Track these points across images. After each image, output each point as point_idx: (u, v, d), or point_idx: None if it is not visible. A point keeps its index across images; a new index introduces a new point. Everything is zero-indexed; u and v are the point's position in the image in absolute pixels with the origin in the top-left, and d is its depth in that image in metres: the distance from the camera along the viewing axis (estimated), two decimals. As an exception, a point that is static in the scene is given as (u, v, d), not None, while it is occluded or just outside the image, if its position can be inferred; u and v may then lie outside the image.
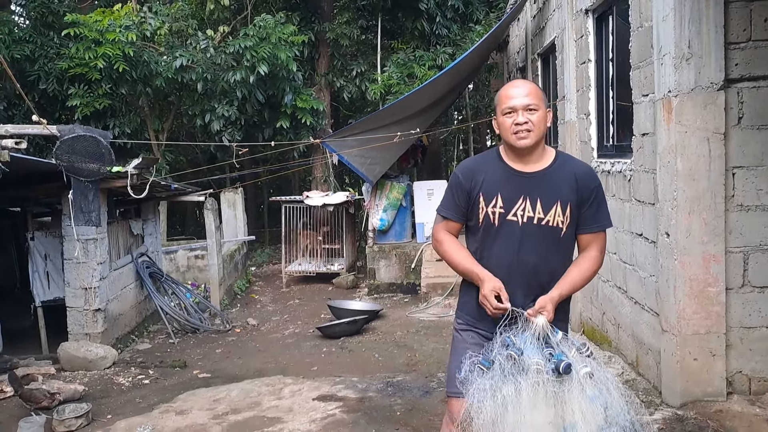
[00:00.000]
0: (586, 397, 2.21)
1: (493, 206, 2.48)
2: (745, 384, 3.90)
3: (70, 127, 6.07)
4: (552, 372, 2.24)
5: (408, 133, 8.26)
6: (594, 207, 2.51)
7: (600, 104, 5.66)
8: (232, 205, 11.14)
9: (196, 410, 4.73)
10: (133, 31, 9.67)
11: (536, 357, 2.27)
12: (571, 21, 6.20)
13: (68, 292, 6.19)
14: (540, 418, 2.22)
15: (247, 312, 8.54)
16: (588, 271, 2.51)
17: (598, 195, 2.52)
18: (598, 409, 2.21)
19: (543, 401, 2.22)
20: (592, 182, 2.52)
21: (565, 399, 2.22)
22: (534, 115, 2.44)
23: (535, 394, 2.22)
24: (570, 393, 2.22)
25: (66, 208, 6.04)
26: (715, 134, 3.75)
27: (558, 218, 2.45)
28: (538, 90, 2.50)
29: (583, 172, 2.54)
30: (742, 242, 3.84)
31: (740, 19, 3.72)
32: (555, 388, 2.22)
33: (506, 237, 2.47)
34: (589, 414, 2.19)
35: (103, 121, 10.04)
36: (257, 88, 10.24)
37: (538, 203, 2.45)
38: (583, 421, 2.19)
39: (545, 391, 2.22)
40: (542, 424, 2.21)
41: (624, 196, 4.85)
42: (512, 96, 2.47)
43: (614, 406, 2.23)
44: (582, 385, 2.22)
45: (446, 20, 11.42)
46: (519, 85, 2.50)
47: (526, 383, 2.23)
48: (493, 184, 2.50)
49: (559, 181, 2.48)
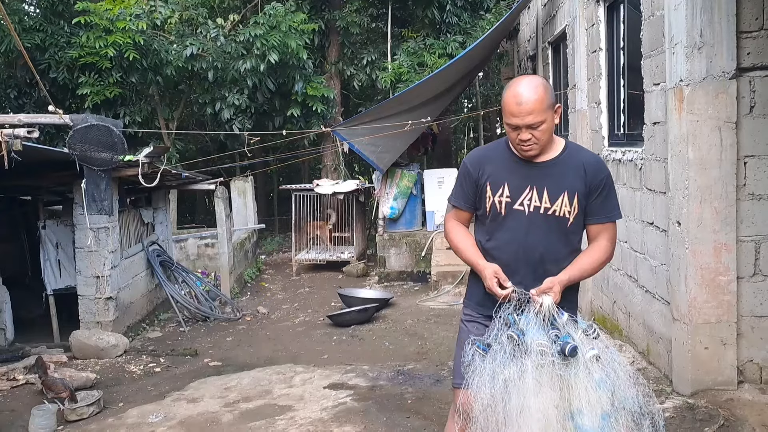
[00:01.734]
0: (593, 380, 2.17)
1: (500, 195, 2.48)
2: (756, 373, 3.89)
3: (82, 117, 6.11)
4: (557, 354, 2.19)
5: (419, 121, 8.24)
6: (602, 197, 2.49)
7: (611, 93, 5.62)
8: (242, 194, 11.18)
9: (208, 398, 4.78)
10: (143, 19, 9.68)
11: (540, 338, 2.23)
12: (582, 9, 6.14)
13: (80, 280, 6.25)
14: (545, 402, 2.17)
15: (258, 300, 8.60)
16: (598, 260, 2.50)
17: (606, 185, 2.50)
18: (605, 394, 2.17)
19: (548, 384, 2.18)
20: (600, 172, 2.49)
21: (571, 383, 2.17)
22: (538, 130, 2.39)
23: (540, 377, 2.18)
24: (576, 376, 2.17)
25: (78, 196, 6.09)
26: (727, 123, 3.72)
27: (565, 208, 2.44)
28: (543, 97, 2.37)
29: (592, 162, 2.52)
30: (753, 231, 3.81)
31: (752, 7, 3.68)
32: (561, 371, 2.18)
33: (513, 226, 2.46)
34: (595, 398, 2.15)
35: (114, 109, 10.08)
36: (268, 76, 10.24)
37: (545, 193, 2.44)
38: (589, 406, 2.14)
39: (550, 374, 2.18)
40: (547, 408, 2.17)
41: (635, 185, 4.83)
42: (515, 113, 2.37)
43: (622, 389, 2.18)
44: (588, 369, 2.18)
45: (456, 8, 11.35)
46: (523, 100, 2.35)
47: (530, 365, 2.19)
48: (501, 173, 2.50)
49: (566, 171, 2.46)
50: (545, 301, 2.30)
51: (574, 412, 2.18)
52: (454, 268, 8.25)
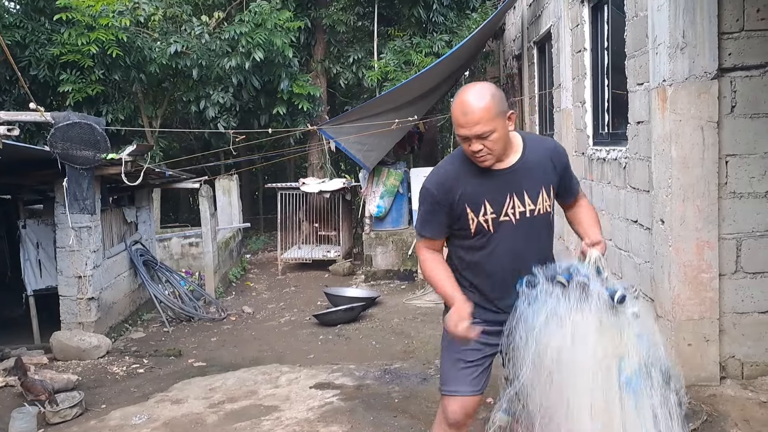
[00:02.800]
0: (634, 333, 2.23)
1: (484, 214, 2.40)
2: (738, 368, 3.93)
3: (64, 114, 6.02)
4: (609, 301, 2.23)
5: (405, 120, 8.24)
6: (570, 176, 2.58)
7: (595, 92, 5.66)
8: (227, 192, 11.11)
9: (192, 399, 4.74)
10: (126, 16, 9.58)
11: (597, 287, 2.26)
12: (567, 10, 6.17)
13: (61, 280, 6.18)
14: (601, 348, 2.20)
15: (243, 300, 8.55)
16: (596, 213, 2.65)
17: (568, 164, 2.59)
18: (644, 346, 2.22)
19: (605, 330, 2.21)
20: (563, 156, 2.57)
21: (621, 330, 2.22)
22: (489, 140, 2.29)
23: (598, 322, 2.22)
24: (624, 326, 2.23)
25: (60, 195, 6.01)
26: (709, 123, 3.75)
27: (546, 203, 2.45)
28: (491, 106, 2.28)
29: (552, 148, 2.56)
30: (735, 229, 3.85)
31: (733, 9, 3.72)
32: (612, 318, 2.22)
33: (503, 237, 2.42)
34: (636, 348, 2.21)
35: (96, 107, 9.97)
36: (253, 74, 10.19)
37: (525, 196, 2.41)
38: (630, 358, 2.19)
39: (606, 320, 2.22)
40: (602, 353, 2.20)
41: (619, 184, 4.86)
42: (462, 124, 2.29)
43: (656, 350, 2.26)
44: (630, 322, 2.24)
45: (443, 8, 11.36)
46: (468, 110, 2.27)
47: (591, 310, 2.22)
48: (475, 190, 2.39)
49: (536, 167, 2.45)
50: (593, 254, 2.32)
51: (623, 359, 2.21)
52: (439, 266, 8.24)
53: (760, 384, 3.83)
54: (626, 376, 2.18)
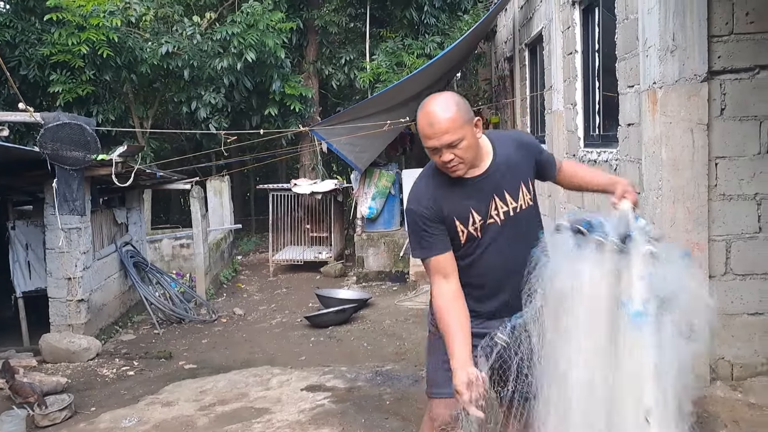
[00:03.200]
0: (638, 273, 2.18)
1: (473, 224, 2.39)
2: (728, 370, 3.95)
3: (54, 115, 6.00)
4: (617, 243, 2.20)
5: (397, 121, 8.24)
6: (542, 154, 2.58)
7: (586, 94, 5.68)
8: (218, 193, 11.08)
9: (183, 401, 4.72)
10: (117, 16, 9.54)
11: (606, 231, 2.22)
12: (558, 12, 6.19)
13: (50, 282, 6.14)
14: (602, 290, 2.19)
15: (234, 301, 8.52)
16: (588, 167, 2.70)
17: (538, 145, 2.60)
18: (653, 286, 2.17)
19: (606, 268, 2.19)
20: (528, 142, 2.57)
21: (625, 269, 2.19)
22: (459, 148, 2.25)
23: (602, 266, 2.19)
24: (629, 265, 2.19)
25: (49, 196, 5.97)
26: (699, 125, 3.78)
27: (527, 197, 2.46)
28: (457, 115, 2.23)
29: (517, 139, 2.55)
30: (724, 231, 3.87)
31: (723, 12, 3.74)
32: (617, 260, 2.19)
33: (491, 239, 2.43)
34: (643, 287, 2.17)
35: (86, 107, 9.92)
36: (245, 75, 10.17)
37: (506, 195, 2.42)
38: (637, 293, 2.16)
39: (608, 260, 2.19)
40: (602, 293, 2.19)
41: (610, 186, 4.87)
42: (430, 135, 2.23)
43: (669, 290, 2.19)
44: (641, 260, 2.18)
45: (435, 9, 11.38)
46: (435, 121, 2.22)
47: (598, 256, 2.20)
48: (460, 203, 2.37)
49: (509, 164, 2.44)
50: (624, 205, 2.29)
51: (624, 297, 2.18)
52: (431, 268, 8.25)
53: (749, 385, 3.85)
54: (633, 311, 2.16)
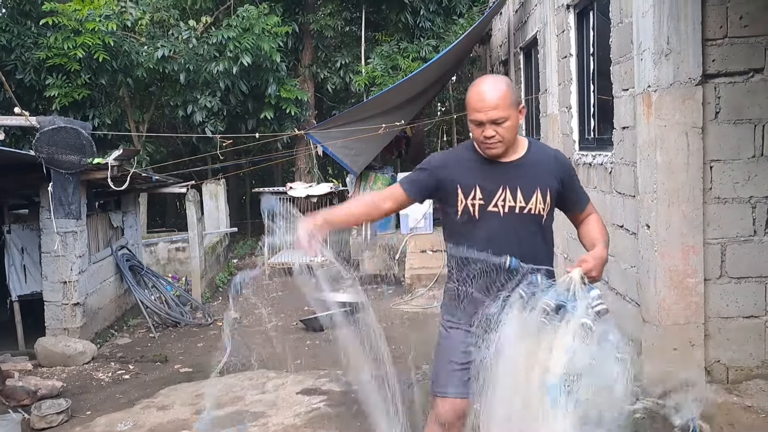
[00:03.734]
0: (563, 344, 2.19)
1: (473, 198, 2.44)
2: (723, 373, 3.96)
3: (50, 119, 5.99)
4: (551, 311, 2.22)
5: (392, 124, 8.26)
6: (577, 186, 2.59)
7: (581, 98, 5.69)
8: (214, 197, 11.06)
9: (178, 405, 4.71)
10: (113, 20, 9.54)
11: (549, 299, 2.24)
12: (553, 16, 6.22)
13: (46, 286, 6.12)
14: (524, 350, 2.21)
15: (229, 305, 8.51)
16: (605, 229, 2.61)
17: (575, 174, 2.61)
18: (577, 360, 2.18)
19: (533, 335, 2.21)
20: (567, 164, 2.60)
21: (552, 339, 2.20)
22: (502, 127, 2.37)
23: (527, 327, 2.21)
24: (558, 335, 2.20)
25: (45, 200, 5.96)
26: (694, 128, 3.79)
27: (539, 205, 2.45)
28: (507, 94, 2.38)
29: (558, 158, 2.58)
30: (719, 234, 3.89)
31: (717, 16, 3.76)
32: (546, 326, 2.21)
33: (488, 228, 2.43)
34: (562, 359, 2.17)
35: (82, 111, 9.91)
36: (240, 78, 10.17)
37: (519, 192, 2.43)
38: (558, 366, 2.17)
39: (537, 327, 2.21)
40: (524, 354, 2.21)
41: (605, 188, 4.89)
42: (479, 108, 2.37)
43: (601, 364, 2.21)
44: (571, 333, 2.20)
45: (430, 13, 11.41)
46: (485, 97, 2.37)
47: (526, 317, 2.22)
48: (470, 175, 2.46)
49: (536, 168, 2.48)
50: (574, 273, 2.29)
51: (545, 367, 2.20)
52: (428, 271, 8.26)
53: (745, 388, 3.86)
54: (551, 383, 2.17)
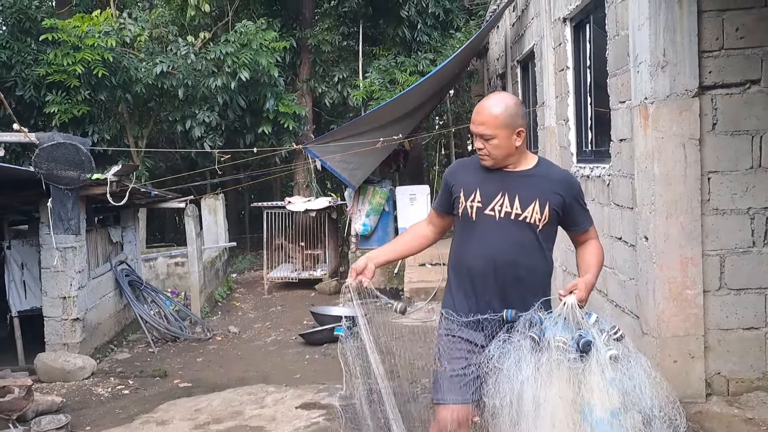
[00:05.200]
0: (605, 378, 2.19)
1: (472, 200, 2.56)
2: (724, 385, 3.96)
3: (49, 135, 6.01)
4: (574, 350, 2.22)
5: (390, 138, 8.29)
6: (581, 206, 2.63)
7: (578, 110, 5.72)
8: (212, 212, 11.06)
9: (177, 420, 4.69)
10: (112, 36, 9.58)
11: (562, 335, 2.25)
12: (550, 29, 6.27)
13: (46, 301, 6.11)
14: (555, 396, 2.20)
15: (229, 319, 8.49)
16: (602, 257, 2.67)
17: (581, 194, 2.66)
18: (616, 392, 2.18)
19: (562, 378, 2.20)
20: (575, 185, 2.64)
21: (584, 379, 2.20)
22: (489, 143, 2.50)
23: (553, 371, 2.21)
24: (590, 373, 2.19)
25: (44, 216, 5.97)
26: (691, 140, 3.82)
27: (536, 215, 2.50)
28: (501, 116, 2.47)
29: (566, 177, 2.65)
30: (718, 245, 3.90)
31: (713, 28, 3.80)
32: (575, 366, 2.21)
33: (483, 231, 2.53)
34: (606, 396, 2.17)
35: (82, 127, 9.92)
36: (239, 93, 10.20)
37: (517, 200, 2.51)
38: (600, 402, 2.17)
39: (565, 369, 2.21)
40: (557, 401, 2.19)
41: (603, 201, 4.90)
42: (473, 121, 2.55)
43: (637, 391, 2.19)
44: (602, 366, 2.20)
45: (427, 27, 11.47)
46: (481, 111, 2.52)
47: (544, 360, 2.22)
48: (474, 180, 2.59)
49: (540, 182, 2.54)
50: (569, 300, 2.32)
51: (584, 407, 2.19)
52: (427, 284, 8.26)
53: (745, 400, 3.85)
54: (596, 419, 2.15)
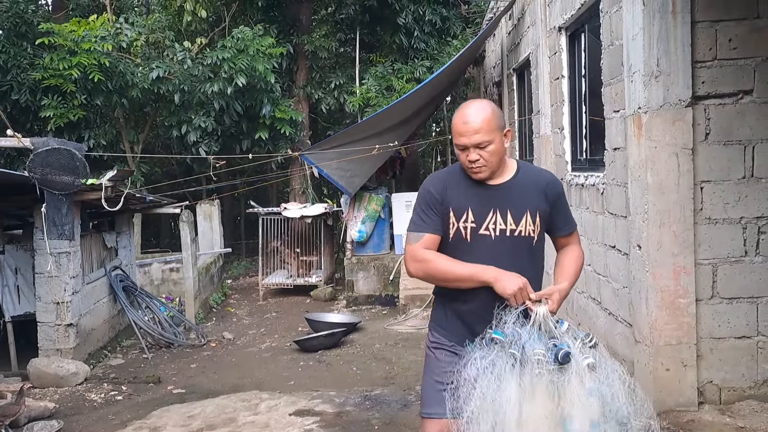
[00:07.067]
0: (584, 388, 2.15)
1: (464, 221, 2.44)
2: (716, 394, 3.97)
3: (44, 140, 6.00)
4: (552, 362, 2.17)
5: (386, 145, 8.30)
6: (564, 209, 2.59)
7: (573, 119, 5.75)
8: (208, 217, 11.06)
9: (171, 427, 4.67)
10: (109, 41, 9.59)
11: (538, 348, 2.20)
12: (545, 38, 6.30)
13: (39, 306, 6.09)
14: (538, 411, 2.15)
15: (223, 326, 8.47)
16: (581, 263, 2.60)
17: (563, 196, 2.60)
18: (596, 402, 2.15)
19: (541, 392, 2.16)
20: (557, 187, 2.58)
21: (564, 390, 2.15)
22: (486, 150, 2.39)
23: (535, 386, 2.16)
24: (569, 383, 2.15)
25: (38, 221, 5.95)
26: (684, 149, 3.84)
27: (529, 227, 2.46)
28: (491, 118, 2.40)
29: (549, 180, 2.58)
30: (710, 254, 3.92)
31: (706, 38, 3.83)
32: (555, 378, 2.16)
33: (480, 251, 2.42)
34: (586, 406, 2.14)
35: (78, 132, 9.91)
36: (235, 99, 10.21)
37: (509, 214, 2.44)
38: (580, 413, 2.13)
39: (545, 382, 2.16)
40: (540, 416, 2.15)
41: (597, 209, 4.92)
42: (462, 133, 2.39)
43: (615, 399, 2.16)
44: (581, 377, 2.16)
45: (424, 34, 11.52)
46: (469, 120, 2.39)
47: (527, 375, 2.16)
48: (462, 197, 2.46)
49: (526, 190, 2.49)
50: (540, 310, 2.29)
51: (565, 419, 2.15)
52: (422, 291, 8.26)
53: (737, 409, 3.86)
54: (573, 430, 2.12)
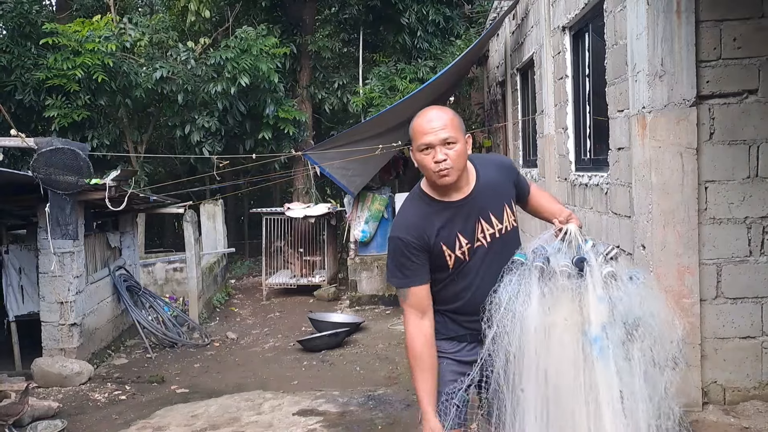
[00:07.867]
0: (596, 296, 2.23)
1: (460, 247, 2.39)
2: (720, 394, 3.95)
3: (47, 140, 6.02)
4: (572, 270, 2.26)
5: (390, 145, 8.30)
6: (522, 179, 2.63)
7: (577, 119, 5.74)
8: (211, 217, 11.07)
9: (174, 426, 4.68)
10: (112, 41, 9.61)
11: (565, 261, 2.28)
12: (549, 38, 6.29)
13: (43, 306, 6.11)
14: (560, 319, 2.23)
15: (227, 325, 8.48)
16: (552, 196, 2.72)
17: (517, 170, 2.65)
18: (604, 308, 2.22)
19: (566, 302, 2.24)
20: (511, 165, 2.63)
21: (583, 298, 2.24)
22: (453, 150, 2.28)
23: (558, 296, 2.24)
24: (587, 292, 2.24)
25: (42, 220, 5.97)
26: (688, 149, 3.82)
27: (511, 218, 2.48)
28: (454, 118, 2.33)
29: (504, 164, 2.60)
30: (715, 254, 3.90)
31: (711, 38, 3.81)
32: (575, 287, 2.25)
33: (478, 262, 2.43)
34: (598, 312, 2.22)
35: (81, 132, 9.94)
36: (238, 99, 10.23)
37: (491, 217, 2.43)
38: (595, 320, 2.21)
39: (570, 291, 2.24)
40: (562, 323, 2.23)
41: (601, 209, 4.91)
42: (427, 131, 2.28)
43: (626, 305, 2.23)
44: (594, 284, 2.23)
45: (427, 34, 11.51)
46: (433, 118, 2.30)
47: (550, 286, 2.25)
48: (445, 229, 2.37)
49: (493, 186, 2.47)
50: (570, 227, 2.36)
51: (585, 325, 2.23)
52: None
53: (742, 410, 3.85)
54: (593, 336, 2.21)
